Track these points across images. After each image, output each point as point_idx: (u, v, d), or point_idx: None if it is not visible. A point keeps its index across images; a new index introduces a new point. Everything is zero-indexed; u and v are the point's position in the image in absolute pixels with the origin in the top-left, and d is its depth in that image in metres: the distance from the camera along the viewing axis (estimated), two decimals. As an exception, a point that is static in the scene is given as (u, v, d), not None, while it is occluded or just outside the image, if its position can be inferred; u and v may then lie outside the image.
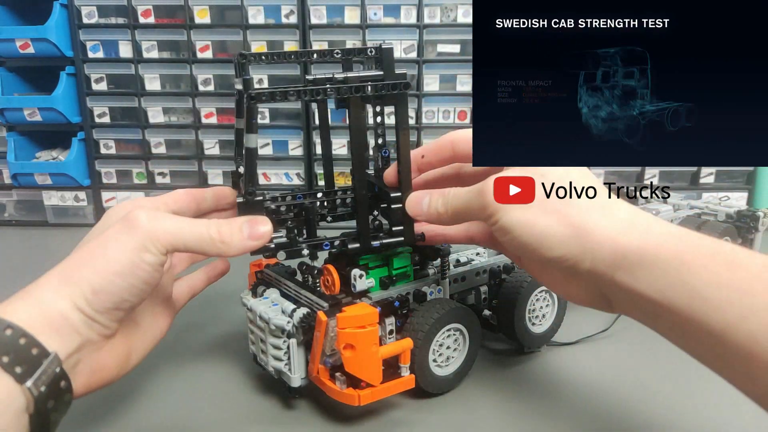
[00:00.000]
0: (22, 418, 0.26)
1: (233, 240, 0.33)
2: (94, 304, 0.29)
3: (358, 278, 0.40)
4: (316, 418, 0.39)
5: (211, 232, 0.33)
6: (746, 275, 0.24)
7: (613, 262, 0.27)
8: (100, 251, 0.30)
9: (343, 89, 0.36)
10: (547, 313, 0.48)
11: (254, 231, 0.34)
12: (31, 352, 0.26)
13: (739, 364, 0.24)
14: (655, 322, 0.28)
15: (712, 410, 0.40)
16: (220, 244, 0.33)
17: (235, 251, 0.33)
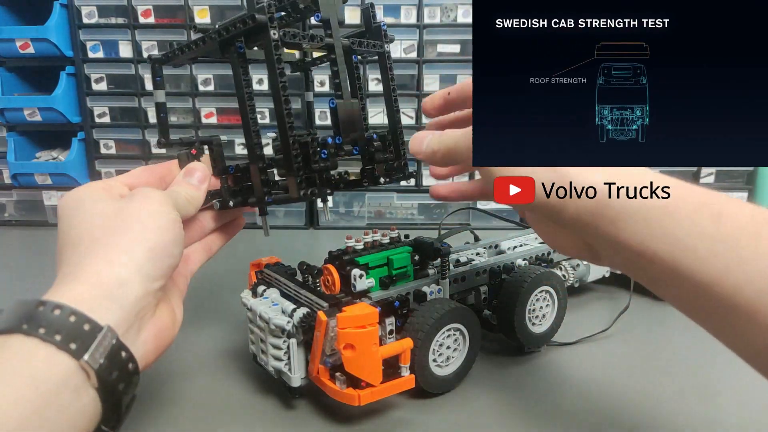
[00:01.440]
0: (85, 394, 0.26)
1: (192, 193, 0.37)
2: (152, 262, 0.30)
3: (358, 278, 0.40)
4: (316, 418, 0.39)
5: (183, 195, 0.36)
6: (733, 226, 0.24)
7: (596, 210, 0.26)
8: (139, 218, 0.31)
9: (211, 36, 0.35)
10: (547, 313, 0.48)
11: (195, 178, 0.38)
12: (83, 328, 0.26)
13: (723, 316, 0.24)
14: (638, 272, 0.27)
15: (713, 409, 0.40)
16: (192, 200, 0.37)
17: (200, 201, 0.37)
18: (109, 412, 0.27)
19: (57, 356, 0.25)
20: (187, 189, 0.37)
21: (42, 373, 0.25)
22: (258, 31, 0.34)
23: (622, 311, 0.53)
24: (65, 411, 0.25)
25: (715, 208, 0.25)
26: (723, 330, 0.26)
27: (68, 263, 0.30)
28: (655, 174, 0.27)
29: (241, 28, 0.34)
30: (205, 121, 0.97)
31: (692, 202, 0.25)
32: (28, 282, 0.70)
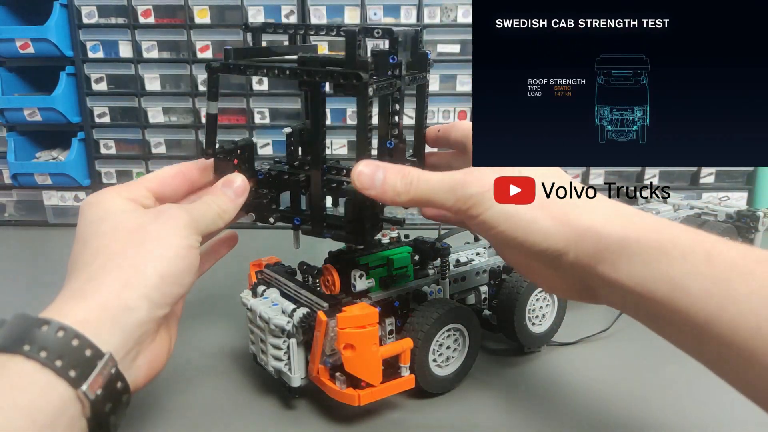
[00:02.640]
0: (79, 423, 0.25)
1: (228, 206, 0.36)
2: (163, 290, 0.30)
3: (358, 278, 0.40)
4: (316, 418, 0.39)
5: (214, 209, 0.35)
6: (724, 266, 0.24)
7: (596, 253, 0.27)
8: (157, 242, 0.31)
9: (298, 71, 0.34)
10: (547, 313, 0.48)
11: (234, 189, 0.37)
12: (85, 353, 0.26)
13: (720, 354, 0.25)
14: (637, 312, 0.28)
15: (713, 410, 0.40)
16: (224, 214, 0.36)
17: (233, 214, 0.36)
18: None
19: (55, 384, 0.25)
20: (222, 201, 0.36)
21: (39, 403, 0.24)
22: (356, 87, 0.33)
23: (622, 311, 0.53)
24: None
25: (706, 248, 0.25)
26: (723, 369, 0.26)
27: (79, 277, 0.30)
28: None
29: (339, 80, 0.33)
30: (205, 121, 0.97)
31: (684, 242, 0.26)
32: (28, 282, 0.70)
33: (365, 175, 0.32)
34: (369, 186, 0.32)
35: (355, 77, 0.32)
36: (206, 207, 0.35)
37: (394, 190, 0.32)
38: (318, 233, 0.38)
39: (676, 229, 0.27)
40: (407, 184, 0.31)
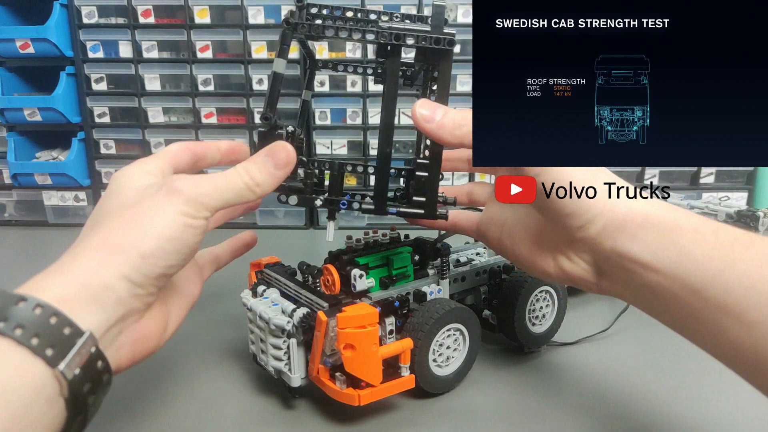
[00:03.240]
0: (57, 403, 0.25)
1: (264, 178, 0.33)
2: (142, 270, 0.29)
3: (358, 278, 0.40)
4: (316, 418, 0.39)
5: (245, 180, 0.32)
6: (728, 237, 0.26)
7: (623, 222, 0.28)
8: (146, 218, 0.30)
9: (384, 34, 0.34)
10: (547, 313, 0.48)
11: (278, 159, 0.33)
12: (63, 332, 0.25)
13: (712, 317, 0.26)
14: (638, 292, 0.29)
15: (713, 409, 0.40)
16: (256, 187, 0.33)
17: (270, 188, 0.33)
18: (72, 422, 0.26)
19: (31, 363, 0.24)
20: (258, 171, 0.33)
21: (14, 383, 0.23)
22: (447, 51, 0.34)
23: (622, 311, 0.53)
24: (34, 426, 0.24)
25: (713, 225, 0.27)
26: (714, 336, 0.27)
27: (69, 251, 0.29)
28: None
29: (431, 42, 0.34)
30: (205, 121, 0.97)
31: (696, 220, 0.28)
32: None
33: (426, 108, 0.32)
34: (430, 119, 0.32)
35: (448, 42, 0.34)
36: (237, 178, 0.32)
37: (453, 122, 0.32)
38: (382, 210, 0.37)
39: (689, 211, 0.29)
40: (465, 117, 0.31)
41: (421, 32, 0.34)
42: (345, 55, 0.93)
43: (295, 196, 0.36)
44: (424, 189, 0.36)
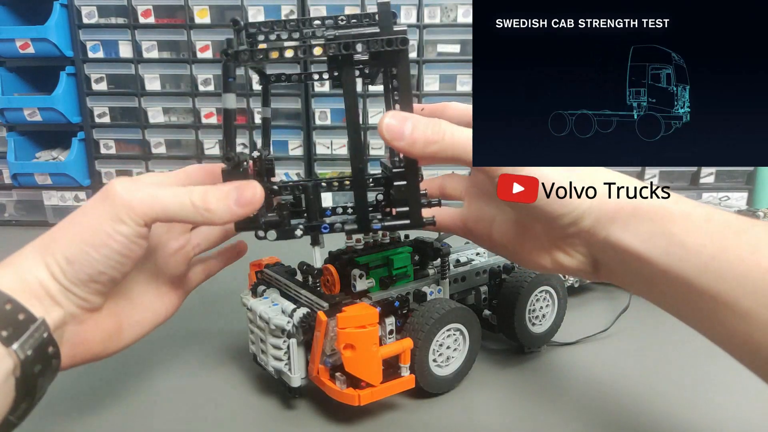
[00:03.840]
0: (8, 381, 0.26)
1: (219, 207, 0.31)
2: (68, 274, 0.29)
3: (358, 278, 0.40)
4: (316, 418, 0.39)
5: (193, 199, 0.31)
6: (720, 224, 0.26)
7: (614, 214, 0.28)
8: (77, 221, 0.30)
9: (331, 46, 0.31)
10: (547, 313, 0.48)
11: (242, 197, 0.31)
12: (17, 317, 0.26)
13: (706, 307, 0.26)
14: (634, 279, 0.29)
15: (713, 409, 0.40)
16: (205, 211, 0.31)
17: (220, 219, 0.31)
18: (20, 402, 0.27)
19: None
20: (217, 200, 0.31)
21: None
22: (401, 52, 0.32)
23: (622, 311, 0.53)
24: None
25: (707, 210, 0.27)
26: (709, 324, 0.27)
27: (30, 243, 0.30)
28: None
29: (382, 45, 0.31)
30: (205, 121, 0.97)
31: (686, 205, 0.27)
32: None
33: (393, 125, 0.30)
34: (398, 136, 0.30)
35: (400, 41, 0.31)
36: (183, 194, 0.31)
37: (425, 139, 0.30)
38: (366, 228, 0.35)
39: (680, 197, 0.28)
40: (437, 132, 0.30)
41: (370, 35, 0.31)
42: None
43: (273, 231, 0.35)
44: (405, 198, 0.34)
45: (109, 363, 0.47)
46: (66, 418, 0.40)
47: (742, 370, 0.28)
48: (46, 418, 0.39)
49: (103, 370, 0.46)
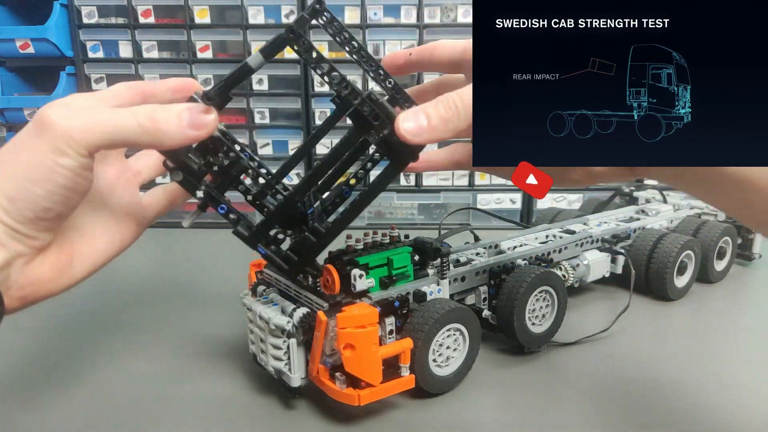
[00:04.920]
0: None
1: (170, 127, 0.29)
2: (12, 214, 0.27)
3: (358, 278, 0.40)
4: (316, 418, 0.39)
5: (140, 120, 0.28)
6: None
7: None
8: (12, 157, 0.27)
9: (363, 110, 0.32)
10: (547, 313, 0.48)
11: (196, 118, 0.29)
12: None
13: (734, 191, 0.28)
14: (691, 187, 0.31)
15: (713, 409, 0.40)
16: (155, 131, 0.29)
17: (172, 141, 0.29)
18: None
19: None
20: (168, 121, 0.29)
21: None
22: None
23: (622, 311, 0.53)
24: None
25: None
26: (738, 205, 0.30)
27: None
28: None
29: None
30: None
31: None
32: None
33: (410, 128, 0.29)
34: (419, 132, 0.30)
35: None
36: (128, 116, 0.28)
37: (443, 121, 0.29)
38: (252, 244, 0.36)
39: None
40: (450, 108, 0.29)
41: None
42: (345, 55, 0.93)
43: (180, 172, 0.33)
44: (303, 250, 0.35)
45: (107, 361, 0.47)
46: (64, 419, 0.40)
47: (743, 369, 0.28)
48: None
49: (99, 366, 0.46)
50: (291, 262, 0.36)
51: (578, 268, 0.58)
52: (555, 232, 0.61)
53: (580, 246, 0.58)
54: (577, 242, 0.58)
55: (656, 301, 0.59)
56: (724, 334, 0.50)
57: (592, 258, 0.58)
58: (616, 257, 0.60)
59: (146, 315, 0.57)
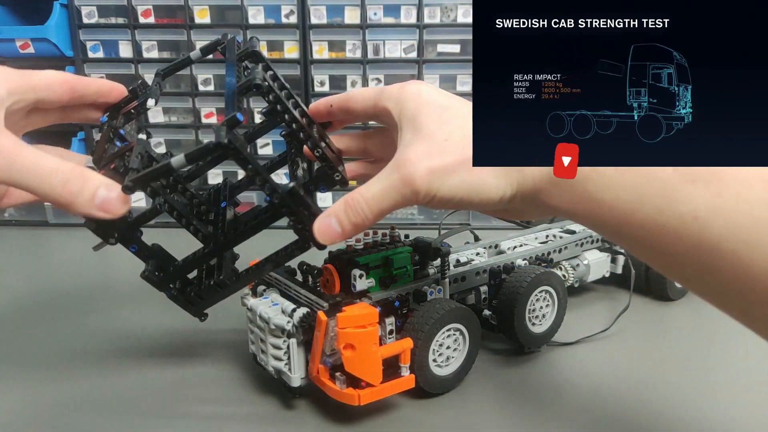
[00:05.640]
0: None
1: (79, 202, 0.29)
2: None
3: (358, 278, 0.40)
4: (316, 418, 0.39)
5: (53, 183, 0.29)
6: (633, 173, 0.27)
7: (534, 185, 0.30)
8: None
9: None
10: (547, 313, 0.48)
11: (108, 204, 0.30)
12: None
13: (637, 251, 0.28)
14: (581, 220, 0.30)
15: (713, 409, 0.40)
16: (63, 196, 0.29)
17: (75, 211, 0.30)
18: None
19: None
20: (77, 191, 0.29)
21: None
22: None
23: (622, 311, 0.53)
24: None
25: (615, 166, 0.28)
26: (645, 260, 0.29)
27: None
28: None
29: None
30: (205, 121, 0.97)
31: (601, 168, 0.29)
32: (28, 282, 0.70)
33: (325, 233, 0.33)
34: (336, 237, 0.33)
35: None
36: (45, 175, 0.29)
37: (352, 224, 0.32)
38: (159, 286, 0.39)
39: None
40: (358, 213, 0.32)
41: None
42: (345, 55, 0.93)
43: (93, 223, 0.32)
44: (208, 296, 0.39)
45: (105, 363, 0.47)
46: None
47: (744, 369, 0.28)
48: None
49: (98, 368, 0.46)
50: (195, 303, 0.40)
51: (578, 268, 0.58)
52: (555, 232, 0.61)
53: (580, 246, 0.58)
54: (577, 242, 0.58)
55: (656, 301, 0.59)
56: (724, 334, 0.50)
57: (592, 258, 0.58)
58: (616, 257, 0.60)
59: (146, 315, 0.57)
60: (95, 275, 0.71)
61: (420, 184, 0.30)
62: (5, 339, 0.52)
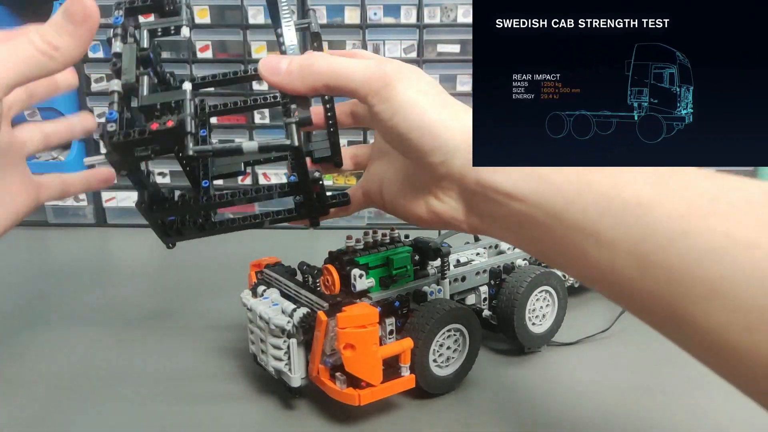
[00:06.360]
0: None
1: (63, 39, 0.27)
2: None
3: (358, 278, 0.40)
4: (316, 418, 0.39)
5: (38, 45, 0.26)
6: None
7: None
8: None
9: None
10: (547, 313, 0.48)
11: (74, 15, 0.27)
12: None
13: (574, 242, 0.26)
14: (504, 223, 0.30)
15: (712, 410, 0.40)
16: (54, 51, 0.27)
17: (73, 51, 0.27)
18: None
19: None
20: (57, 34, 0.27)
21: None
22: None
23: (623, 311, 0.53)
24: None
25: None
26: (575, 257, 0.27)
27: None
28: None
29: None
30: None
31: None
32: (28, 282, 0.70)
33: (270, 62, 0.32)
34: (275, 71, 0.31)
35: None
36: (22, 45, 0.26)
37: (300, 66, 0.31)
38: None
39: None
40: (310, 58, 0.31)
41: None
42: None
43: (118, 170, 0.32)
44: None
45: (105, 365, 0.47)
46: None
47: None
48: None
49: (97, 369, 0.46)
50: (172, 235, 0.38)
51: (578, 268, 0.58)
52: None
53: (580, 246, 0.58)
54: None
55: (656, 301, 0.59)
56: (724, 334, 0.50)
57: (592, 258, 0.58)
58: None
59: (145, 314, 0.57)
60: (95, 275, 0.71)
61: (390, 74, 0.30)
62: (5, 339, 0.52)
